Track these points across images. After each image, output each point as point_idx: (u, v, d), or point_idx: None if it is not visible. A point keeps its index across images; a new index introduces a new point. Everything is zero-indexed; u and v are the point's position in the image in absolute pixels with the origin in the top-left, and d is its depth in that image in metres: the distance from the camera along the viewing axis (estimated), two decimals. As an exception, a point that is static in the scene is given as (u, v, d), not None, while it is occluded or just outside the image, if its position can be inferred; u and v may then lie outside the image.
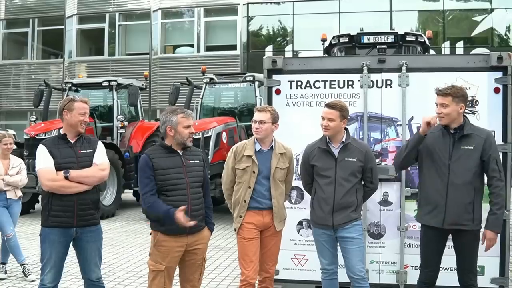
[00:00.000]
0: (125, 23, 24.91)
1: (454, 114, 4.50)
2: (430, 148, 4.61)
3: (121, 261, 7.97)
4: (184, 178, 4.33)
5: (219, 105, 13.93)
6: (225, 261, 7.97)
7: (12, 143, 7.04)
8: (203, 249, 4.53)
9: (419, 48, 9.92)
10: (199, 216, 4.37)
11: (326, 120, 4.71)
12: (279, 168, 4.88)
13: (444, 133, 4.59)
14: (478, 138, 4.52)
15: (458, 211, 4.49)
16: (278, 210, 4.90)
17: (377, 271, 5.73)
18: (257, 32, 23.64)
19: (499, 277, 5.53)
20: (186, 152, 4.43)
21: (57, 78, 24.53)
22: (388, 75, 5.72)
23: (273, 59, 5.84)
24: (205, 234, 4.52)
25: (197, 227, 4.32)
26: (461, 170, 4.49)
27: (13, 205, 6.98)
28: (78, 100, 4.56)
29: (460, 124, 4.56)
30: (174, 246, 4.31)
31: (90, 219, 4.55)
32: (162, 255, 4.32)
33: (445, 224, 4.53)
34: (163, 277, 4.31)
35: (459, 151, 4.52)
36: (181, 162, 4.36)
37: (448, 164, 4.51)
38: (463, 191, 4.49)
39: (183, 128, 4.32)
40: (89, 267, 4.61)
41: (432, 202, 4.59)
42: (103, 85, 13.92)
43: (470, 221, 4.51)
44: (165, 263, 4.31)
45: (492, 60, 5.47)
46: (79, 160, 4.51)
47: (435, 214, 4.56)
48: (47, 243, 4.47)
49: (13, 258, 7.11)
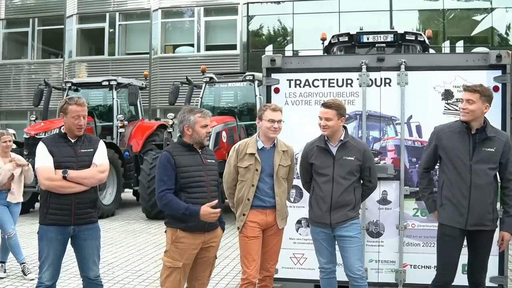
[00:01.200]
0: (125, 23, 24.92)
1: (478, 112, 4.48)
2: (449, 149, 4.60)
3: (120, 260, 7.97)
4: (204, 176, 4.37)
5: (219, 105, 13.94)
6: (224, 260, 7.96)
7: (11, 141, 7.04)
8: (216, 246, 4.58)
9: (419, 47, 9.91)
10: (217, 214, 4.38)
11: (324, 119, 4.71)
12: (282, 165, 4.87)
13: (464, 133, 4.57)
14: (499, 141, 4.53)
15: (481, 212, 4.50)
16: (281, 207, 4.89)
17: (376, 270, 5.73)
18: (257, 31, 23.64)
19: (498, 276, 5.52)
20: (203, 151, 4.49)
21: (57, 77, 24.54)
22: (387, 74, 5.71)
23: (271, 57, 5.84)
24: (219, 232, 4.57)
25: (215, 225, 4.42)
26: (483, 172, 4.49)
27: (13, 204, 6.98)
28: (74, 102, 4.50)
29: (482, 125, 4.54)
30: (192, 243, 4.34)
31: (87, 218, 4.55)
32: (180, 251, 4.32)
33: (467, 225, 4.52)
34: (179, 274, 4.32)
35: (480, 152, 4.51)
36: (201, 160, 4.41)
37: (470, 165, 4.50)
38: (485, 192, 4.49)
39: (200, 128, 4.37)
40: (87, 265, 4.60)
41: (454, 202, 4.56)
42: (103, 84, 13.95)
43: (491, 221, 4.54)
44: (183, 260, 4.32)
45: (491, 58, 5.47)
46: (79, 159, 4.50)
47: (458, 215, 4.54)
48: (44, 241, 4.46)
49: (12, 258, 7.12)
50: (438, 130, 4.77)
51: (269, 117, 4.82)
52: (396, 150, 5.71)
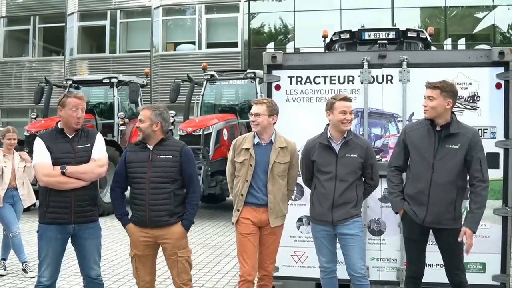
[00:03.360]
0: (126, 20, 24.85)
1: (440, 108, 4.44)
2: (416, 145, 4.57)
3: (120, 258, 7.95)
4: (147, 173, 4.46)
5: (220, 102, 13.92)
6: (225, 258, 7.95)
7: (15, 139, 7.07)
8: (172, 244, 4.54)
9: (421, 44, 9.88)
10: (161, 211, 4.46)
11: (348, 113, 4.72)
12: (278, 162, 4.82)
13: (430, 130, 4.54)
14: (464, 137, 4.46)
15: (439, 210, 4.45)
16: (275, 206, 4.82)
17: (378, 268, 5.70)
18: (258, 29, 23.57)
19: (501, 274, 5.50)
20: (160, 146, 4.53)
21: (58, 75, 24.48)
22: (388, 71, 5.67)
23: (272, 54, 5.81)
24: (174, 229, 4.53)
25: (163, 221, 4.48)
26: (445, 169, 4.44)
27: (18, 202, 7.00)
28: (72, 96, 4.48)
29: (447, 121, 4.49)
30: (139, 235, 4.55)
31: (88, 216, 4.51)
32: (131, 242, 4.63)
33: (425, 222, 4.51)
34: (135, 262, 4.62)
35: (444, 149, 4.46)
36: (148, 157, 4.51)
37: (432, 163, 4.46)
38: (445, 190, 4.44)
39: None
40: (88, 264, 4.57)
41: (415, 199, 4.54)
42: (104, 82, 13.95)
43: (451, 220, 4.48)
44: (134, 250, 4.61)
45: (493, 55, 5.43)
46: (77, 155, 4.45)
47: (417, 211, 4.52)
48: (44, 240, 4.43)
49: (12, 255, 7.11)
50: (407, 127, 4.77)
51: (250, 111, 4.87)
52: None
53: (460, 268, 4.61)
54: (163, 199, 4.45)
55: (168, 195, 4.46)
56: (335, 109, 4.69)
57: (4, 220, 6.87)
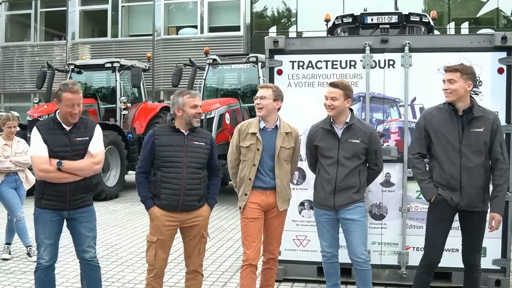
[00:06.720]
0: (128, 4, 24.74)
1: (461, 90, 4.43)
2: (440, 131, 4.55)
3: (124, 242, 8.00)
4: (183, 158, 4.45)
5: (222, 86, 13.89)
6: (228, 242, 7.99)
7: (16, 126, 7.08)
8: (201, 225, 4.62)
9: (423, 28, 9.83)
10: (194, 195, 4.51)
11: (329, 99, 4.69)
12: (284, 147, 4.84)
13: (452, 115, 4.52)
14: (487, 120, 4.48)
15: (472, 194, 4.47)
16: (282, 190, 4.86)
17: (379, 252, 5.74)
18: (260, 13, 23.46)
19: (501, 259, 5.54)
20: (193, 133, 4.55)
21: (60, 60, 24.45)
22: (391, 55, 5.66)
23: (274, 39, 5.79)
24: (203, 211, 4.61)
25: (194, 205, 4.52)
26: (473, 153, 4.46)
27: (20, 187, 7.05)
28: (67, 89, 4.39)
29: (468, 105, 4.50)
30: (166, 220, 4.49)
31: (81, 202, 4.56)
32: (155, 227, 4.53)
33: (459, 206, 4.50)
34: (154, 248, 4.52)
35: (469, 133, 4.47)
36: (183, 141, 4.49)
37: (459, 148, 4.47)
38: (476, 174, 4.46)
39: (189, 108, 4.48)
40: (82, 247, 4.61)
41: (446, 185, 4.53)
42: (106, 66, 13.91)
43: (481, 202, 4.51)
44: (157, 235, 4.51)
45: (496, 40, 5.41)
46: (74, 148, 4.45)
47: (449, 197, 4.50)
48: (40, 223, 4.49)
49: (16, 240, 7.17)
50: (427, 114, 4.72)
51: (256, 95, 4.91)
52: (399, 132, 5.69)
53: (479, 251, 4.68)
54: (197, 183, 4.52)
55: (200, 180, 4.55)
56: None
57: (9, 205, 6.93)
